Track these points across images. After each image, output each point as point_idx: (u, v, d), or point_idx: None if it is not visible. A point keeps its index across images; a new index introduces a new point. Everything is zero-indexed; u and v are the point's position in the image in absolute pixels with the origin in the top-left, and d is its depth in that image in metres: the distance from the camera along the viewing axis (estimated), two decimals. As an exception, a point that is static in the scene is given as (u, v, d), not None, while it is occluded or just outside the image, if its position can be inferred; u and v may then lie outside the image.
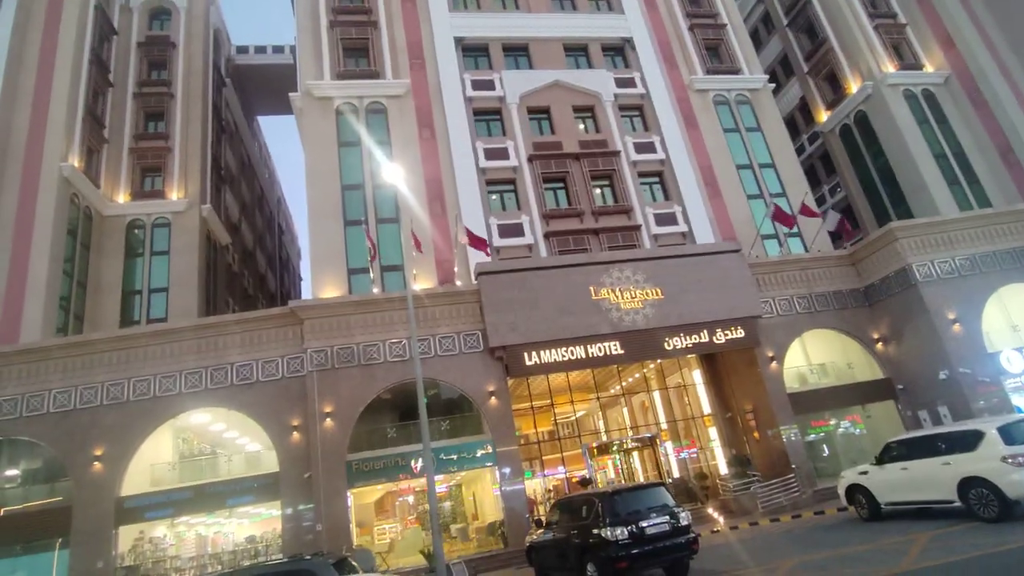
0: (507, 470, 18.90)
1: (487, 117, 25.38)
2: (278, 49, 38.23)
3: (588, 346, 20.41)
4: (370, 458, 18.68)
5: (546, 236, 23.19)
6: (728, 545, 14.54)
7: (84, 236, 24.86)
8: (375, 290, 20.98)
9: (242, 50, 38.26)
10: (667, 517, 10.85)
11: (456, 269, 21.90)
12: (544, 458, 23.00)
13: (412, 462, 18.70)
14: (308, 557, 10.35)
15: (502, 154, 24.32)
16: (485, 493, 22.41)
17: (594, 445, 23.57)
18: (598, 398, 24.71)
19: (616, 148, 25.33)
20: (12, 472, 18.66)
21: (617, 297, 20.92)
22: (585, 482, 21.81)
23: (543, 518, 15.38)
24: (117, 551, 17.60)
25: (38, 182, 23.28)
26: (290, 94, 24.84)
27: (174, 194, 27.22)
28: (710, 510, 19.93)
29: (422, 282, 21.52)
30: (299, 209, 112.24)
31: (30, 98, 24.62)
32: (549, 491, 22.87)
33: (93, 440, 18.01)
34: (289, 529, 17.93)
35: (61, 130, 24.18)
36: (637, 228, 23.99)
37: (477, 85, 25.53)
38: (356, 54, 25.69)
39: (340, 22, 25.65)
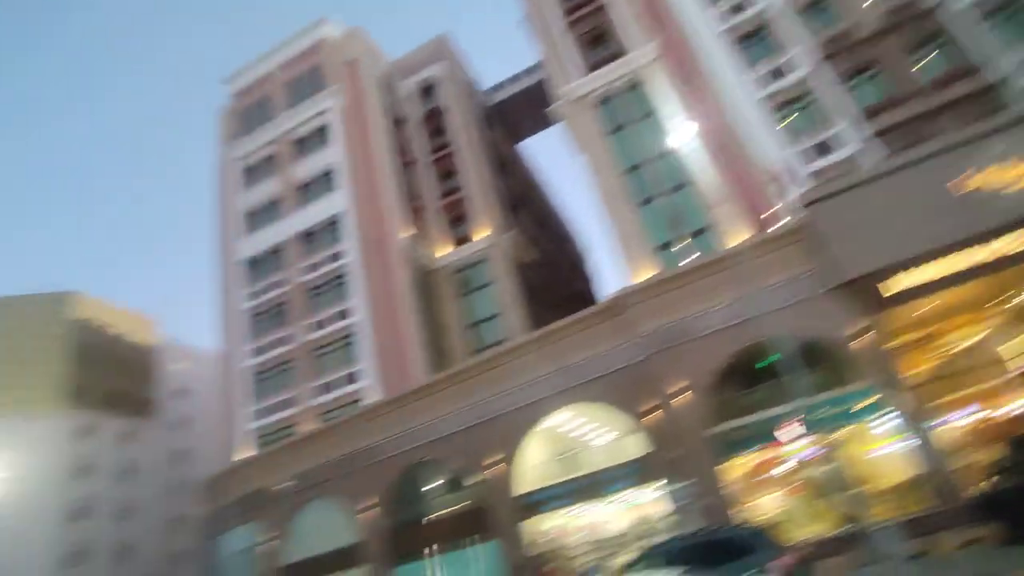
0: (902, 419, 16.07)
1: (751, 41, 22.72)
2: (522, 74, 41.16)
3: (969, 250, 16.15)
4: (733, 428, 17.80)
5: (870, 138, 19.41)
6: None
7: (427, 288, 29.98)
8: (689, 259, 20.09)
9: (495, 88, 42.37)
10: None
11: (768, 213, 19.73)
12: (942, 400, 18.76)
13: (777, 426, 16.81)
14: (730, 528, 9.74)
15: (782, 71, 21.42)
16: (872, 451, 19.21)
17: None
18: (999, 314, 19.30)
19: (932, 2, 20.05)
20: (425, 488, 22.69)
21: (997, 180, 16.15)
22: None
23: (995, 463, 12.31)
24: (526, 542, 19.86)
25: (391, 258, 29.06)
26: (550, 108, 26.07)
27: (480, 234, 30.86)
28: None
29: (736, 237, 19.90)
30: (576, 209, 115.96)
31: (368, 197, 30.93)
32: (970, 435, 18.51)
33: (484, 451, 20.74)
34: (672, 508, 18.04)
35: (394, 212, 30.12)
36: (993, 87, 18.46)
37: (728, 12, 23.04)
38: (596, 44, 25.98)
39: (574, 21, 26.25)
